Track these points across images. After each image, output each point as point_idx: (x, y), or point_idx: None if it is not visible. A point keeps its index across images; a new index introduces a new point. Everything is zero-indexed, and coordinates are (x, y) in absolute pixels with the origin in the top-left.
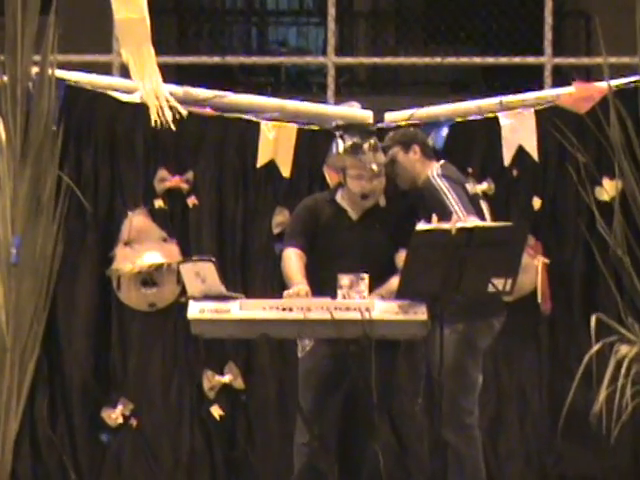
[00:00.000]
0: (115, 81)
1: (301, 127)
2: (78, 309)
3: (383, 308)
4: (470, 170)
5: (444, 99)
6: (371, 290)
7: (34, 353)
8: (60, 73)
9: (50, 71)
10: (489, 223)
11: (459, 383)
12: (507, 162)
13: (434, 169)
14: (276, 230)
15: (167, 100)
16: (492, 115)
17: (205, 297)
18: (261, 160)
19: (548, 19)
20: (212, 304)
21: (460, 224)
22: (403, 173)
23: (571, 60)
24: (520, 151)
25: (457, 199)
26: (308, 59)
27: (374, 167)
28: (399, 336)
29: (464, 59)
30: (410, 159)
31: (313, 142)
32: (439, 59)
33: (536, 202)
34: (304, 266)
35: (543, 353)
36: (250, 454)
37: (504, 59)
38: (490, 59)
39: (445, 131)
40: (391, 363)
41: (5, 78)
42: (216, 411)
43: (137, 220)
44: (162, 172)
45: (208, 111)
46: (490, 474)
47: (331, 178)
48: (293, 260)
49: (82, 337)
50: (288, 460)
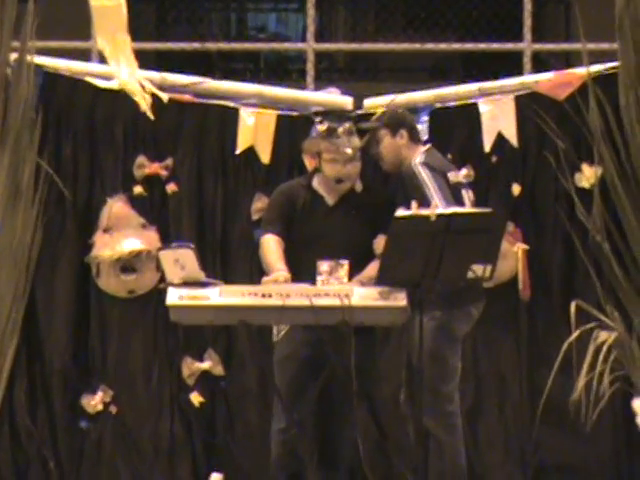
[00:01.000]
0: (94, 67)
1: (280, 113)
2: (57, 296)
3: (362, 294)
4: (449, 156)
5: (423, 85)
6: (350, 276)
7: (13, 341)
8: (39, 60)
9: (29, 57)
10: (468, 209)
11: (438, 370)
12: (487, 148)
13: (418, 156)
14: (255, 216)
15: (144, 87)
16: (471, 101)
17: (184, 284)
18: (240, 146)
19: (527, 5)
20: (191, 291)
21: (439, 210)
22: (388, 157)
23: (550, 46)
24: (499, 137)
25: (437, 189)
26: (287, 45)
27: (348, 151)
28: (378, 322)
29: (443, 45)
30: (397, 144)
31: (292, 128)
32: (418, 45)
33: (515, 188)
34: (283, 252)
35: (522, 340)
36: (230, 441)
37: (483, 45)
38: (469, 45)
39: (424, 117)
40: (371, 350)
41: None
42: (196, 398)
43: (116, 207)
44: (141, 159)
45: (187, 97)
46: (469, 462)
47: (310, 164)
48: (272, 246)
49: (61, 324)
50: (268, 447)
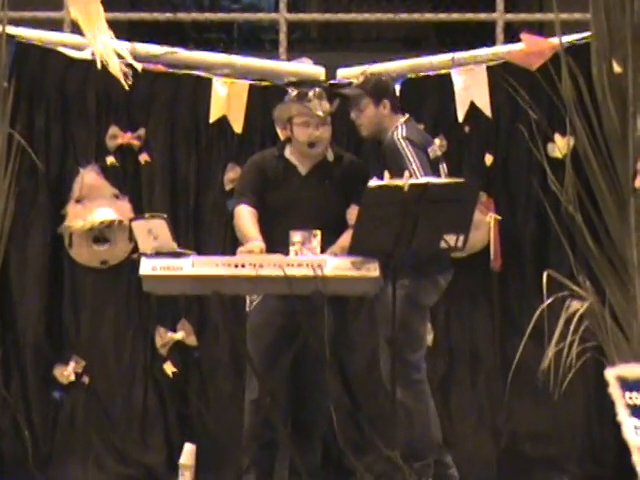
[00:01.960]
0: (66, 37)
1: (253, 83)
2: (30, 267)
3: (335, 265)
4: (422, 126)
5: (396, 55)
6: (323, 245)
7: None
8: (11, 30)
9: (1, 28)
10: (441, 180)
11: (405, 339)
12: (460, 118)
13: (399, 129)
14: (228, 186)
15: (120, 56)
16: (444, 71)
17: (157, 254)
18: (213, 116)
19: None
20: (164, 261)
21: (412, 180)
22: (369, 126)
23: (523, 16)
24: (472, 107)
25: (420, 166)
26: (260, 15)
27: (320, 113)
28: (351, 293)
29: (416, 15)
30: (379, 113)
31: (265, 98)
32: (391, 16)
33: (488, 159)
34: (257, 222)
35: (495, 310)
36: (203, 411)
37: (456, 15)
38: (442, 15)
39: (397, 87)
40: (343, 320)
41: None
42: (169, 368)
43: (89, 177)
44: (114, 129)
45: (159, 67)
46: (442, 431)
47: (283, 134)
48: (246, 216)
49: (34, 295)
50: (241, 416)
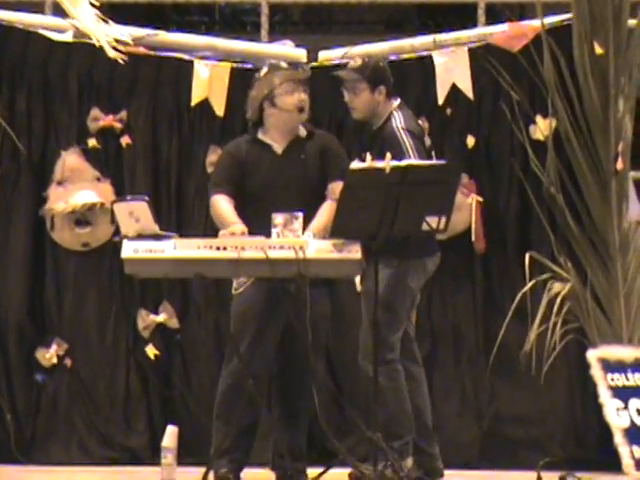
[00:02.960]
0: (47, 20)
1: (235, 66)
2: (12, 250)
3: (317, 247)
4: None
5: (378, 38)
6: (305, 224)
7: None
8: None
9: None
10: (423, 162)
11: (386, 318)
12: (441, 100)
13: (397, 117)
14: (210, 169)
15: (108, 36)
16: (426, 53)
17: (139, 236)
18: (195, 99)
19: None
20: (146, 243)
21: (394, 163)
22: (363, 109)
23: None
24: (454, 89)
25: (418, 156)
26: None
27: (304, 75)
28: (333, 275)
29: None
30: (375, 100)
31: (247, 81)
32: None
33: (470, 140)
34: (235, 209)
35: (477, 292)
36: (186, 393)
37: None
38: None
39: None
40: (328, 302)
41: None
42: (151, 351)
43: (70, 159)
44: (95, 111)
45: (141, 50)
46: None
47: (253, 116)
48: (223, 204)
49: (16, 278)
50: None
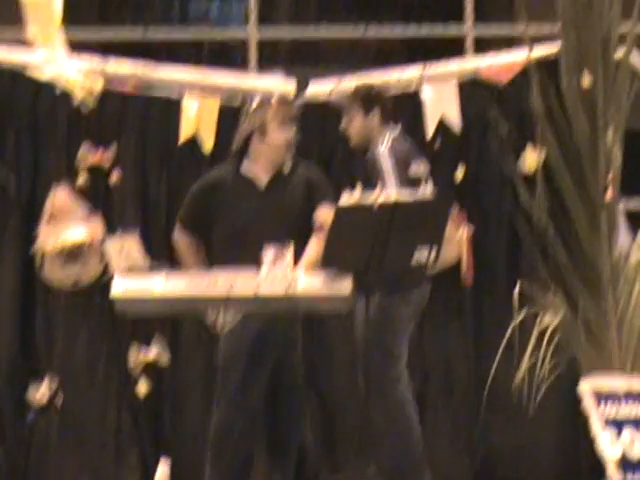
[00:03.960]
0: (36, 58)
1: (223, 103)
2: (3, 289)
3: (308, 282)
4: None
5: (367, 69)
6: (296, 256)
7: None
8: None
9: None
10: (411, 196)
11: (380, 355)
12: (430, 133)
13: (385, 143)
14: None
15: (81, 78)
16: (414, 86)
17: (129, 274)
18: (183, 135)
19: None
20: (136, 281)
21: (382, 198)
22: (356, 135)
23: (492, 30)
24: (443, 122)
25: (396, 180)
26: (230, 32)
27: (296, 110)
28: (323, 310)
29: (386, 30)
30: (368, 124)
31: (236, 117)
32: (361, 30)
33: (459, 172)
34: (198, 255)
35: (468, 324)
36: (178, 431)
37: (426, 30)
38: (412, 30)
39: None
40: (320, 340)
41: None
42: (142, 388)
43: (60, 197)
44: (84, 148)
45: (129, 86)
46: None
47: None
48: (187, 251)
49: (7, 317)
50: None
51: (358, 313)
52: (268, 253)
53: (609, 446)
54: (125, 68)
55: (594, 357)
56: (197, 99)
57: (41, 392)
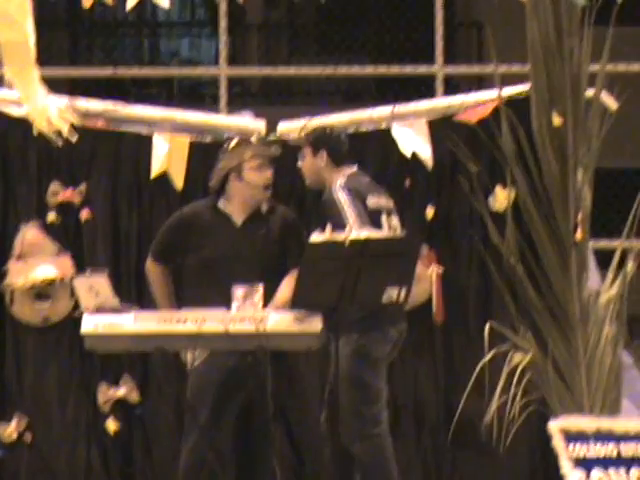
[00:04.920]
0: (6, 94)
1: (194, 140)
2: None
3: (278, 320)
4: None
5: (337, 108)
6: (265, 296)
7: None
8: None
9: None
10: (382, 234)
11: (359, 393)
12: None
13: (340, 180)
14: None
15: (61, 115)
16: (385, 125)
17: (99, 311)
18: (154, 173)
19: (439, 29)
20: (106, 318)
21: (353, 235)
22: (308, 174)
23: (462, 69)
24: (413, 160)
25: (355, 214)
26: (200, 70)
27: (274, 151)
28: (293, 348)
29: (356, 69)
30: (316, 163)
31: (206, 155)
32: (331, 70)
33: (429, 211)
34: (169, 284)
35: (438, 363)
36: (147, 469)
37: (396, 69)
38: (382, 69)
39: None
40: (289, 373)
41: None
42: (111, 425)
43: (30, 234)
44: (55, 185)
45: (100, 124)
46: None
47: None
48: (159, 282)
49: None
50: None
51: (333, 351)
52: (239, 290)
53: None
54: (95, 106)
55: (564, 396)
56: (167, 137)
57: (10, 429)
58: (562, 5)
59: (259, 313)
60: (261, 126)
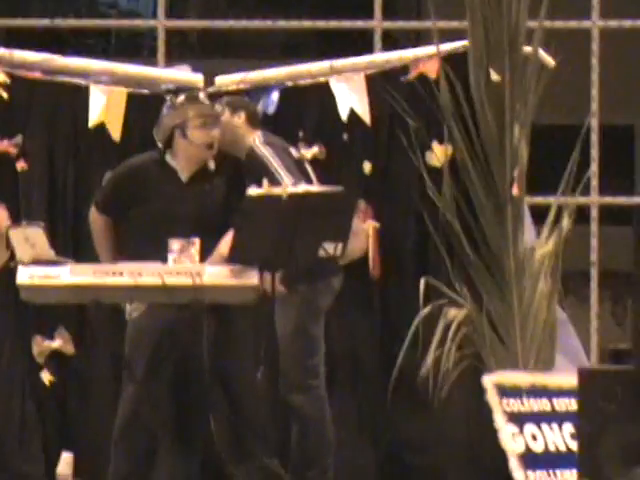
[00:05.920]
0: None
1: (131, 91)
2: None
3: (214, 273)
4: (301, 134)
5: (275, 62)
6: (202, 252)
7: None
8: None
9: None
10: (320, 188)
11: (302, 345)
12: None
13: (257, 137)
14: None
15: None
16: (323, 79)
17: (35, 262)
18: (91, 123)
19: None
20: (42, 269)
21: (291, 189)
22: (225, 135)
23: (400, 24)
24: (352, 115)
25: (281, 164)
26: (138, 22)
27: (218, 109)
28: (230, 301)
29: (294, 23)
30: (234, 122)
31: (143, 106)
32: (270, 23)
33: (367, 166)
34: (112, 237)
35: (375, 317)
36: (82, 420)
37: (334, 23)
38: (320, 23)
39: (276, 95)
40: (226, 328)
41: None
42: (46, 377)
43: None
44: None
45: (37, 75)
46: None
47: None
48: (102, 234)
49: None
50: None
51: (282, 303)
52: (175, 243)
53: (511, 440)
54: (32, 56)
55: (498, 351)
56: (104, 88)
57: None
58: None
59: (196, 266)
60: (199, 79)
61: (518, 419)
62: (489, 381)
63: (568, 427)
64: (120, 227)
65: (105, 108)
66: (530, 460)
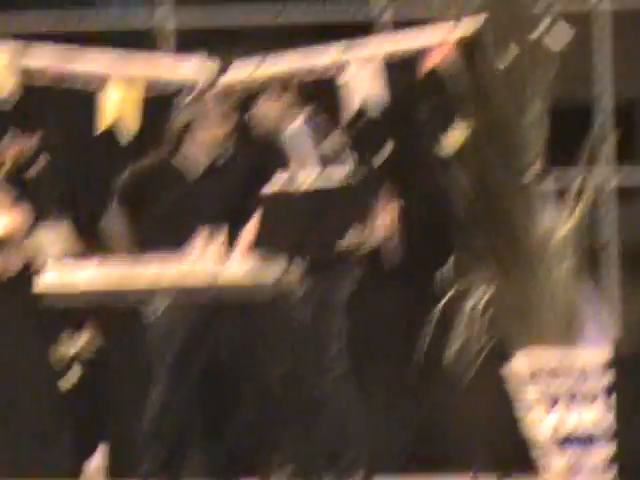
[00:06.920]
0: None
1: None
2: None
3: (235, 270)
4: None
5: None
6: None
7: None
8: None
9: None
10: (334, 183)
11: (326, 336)
12: (353, 111)
13: (300, 119)
14: None
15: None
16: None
17: (58, 263)
18: (105, 124)
19: None
20: (65, 272)
21: (307, 185)
22: (267, 116)
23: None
24: (370, 98)
25: (313, 157)
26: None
27: (224, 111)
28: (251, 298)
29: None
30: (277, 103)
31: (157, 104)
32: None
33: (386, 151)
34: (131, 232)
35: (399, 301)
36: (112, 418)
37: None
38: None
39: None
40: (252, 327)
41: None
42: (73, 375)
43: None
44: (8, 138)
45: (53, 70)
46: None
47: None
48: (120, 230)
49: None
50: None
51: (297, 297)
52: (199, 235)
53: (542, 421)
54: (46, 55)
55: (525, 332)
56: (118, 87)
57: None
58: None
59: (217, 263)
60: (214, 68)
61: (548, 399)
62: (516, 362)
63: (599, 404)
64: (140, 222)
65: (119, 107)
66: (561, 440)
